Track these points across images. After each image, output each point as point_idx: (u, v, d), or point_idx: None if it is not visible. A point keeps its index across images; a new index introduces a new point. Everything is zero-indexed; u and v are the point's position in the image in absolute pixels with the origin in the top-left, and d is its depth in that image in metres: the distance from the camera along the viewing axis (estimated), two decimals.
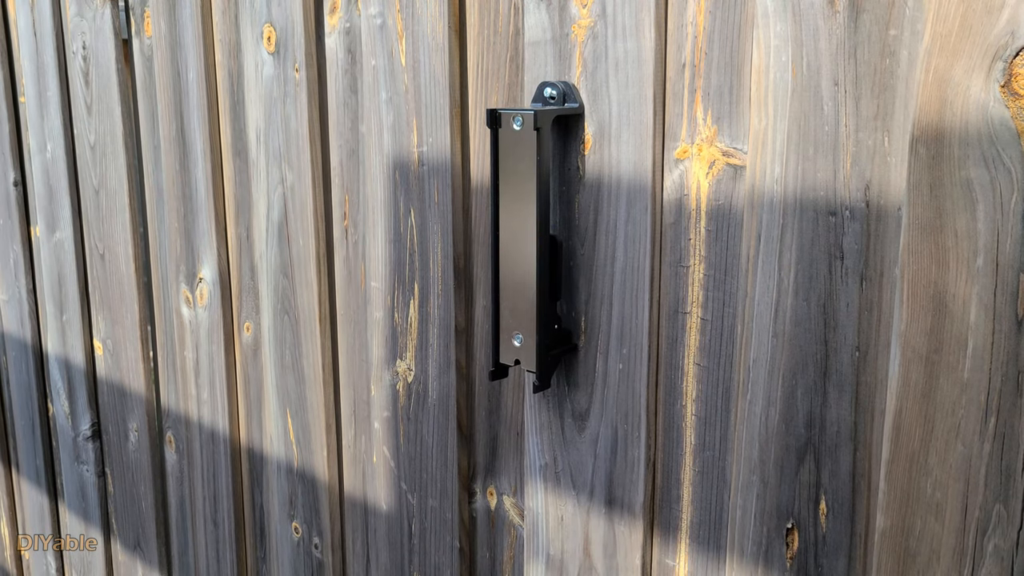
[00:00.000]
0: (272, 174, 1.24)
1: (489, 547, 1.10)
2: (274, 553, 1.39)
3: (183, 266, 1.43)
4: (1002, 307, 0.67)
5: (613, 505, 0.94)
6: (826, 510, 0.79)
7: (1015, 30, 0.63)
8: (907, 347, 0.71)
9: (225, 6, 1.26)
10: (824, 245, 0.76)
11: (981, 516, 0.70)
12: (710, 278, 0.84)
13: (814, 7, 0.73)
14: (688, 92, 0.83)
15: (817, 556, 0.80)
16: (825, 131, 0.74)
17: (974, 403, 0.69)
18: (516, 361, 0.92)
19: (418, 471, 1.14)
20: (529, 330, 0.90)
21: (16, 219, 1.79)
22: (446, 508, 1.11)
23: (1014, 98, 0.64)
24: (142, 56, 1.42)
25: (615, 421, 0.92)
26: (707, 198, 0.83)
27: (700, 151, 0.83)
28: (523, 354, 0.92)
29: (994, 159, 0.65)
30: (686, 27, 0.82)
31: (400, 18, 1.04)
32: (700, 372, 0.87)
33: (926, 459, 0.72)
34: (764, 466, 0.82)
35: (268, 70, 1.21)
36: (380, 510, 1.21)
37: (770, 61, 0.76)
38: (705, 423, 0.87)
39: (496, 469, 1.07)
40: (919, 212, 0.69)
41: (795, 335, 0.78)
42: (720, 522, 0.88)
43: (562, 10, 0.89)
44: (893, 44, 0.70)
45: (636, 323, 0.89)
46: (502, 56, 0.97)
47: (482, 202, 1.02)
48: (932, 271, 0.69)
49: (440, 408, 1.10)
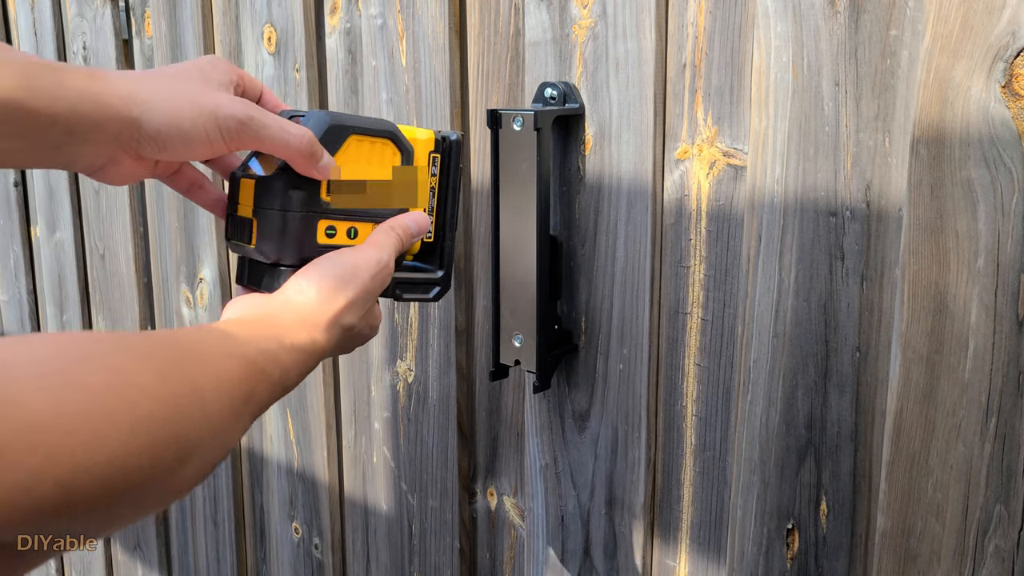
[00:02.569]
0: None
1: (489, 547, 1.10)
2: (274, 553, 1.39)
3: (183, 266, 1.43)
4: (1003, 308, 0.67)
5: (614, 505, 0.94)
6: (826, 511, 0.79)
7: (1016, 31, 0.63)
8: (908, 347, 0.71)
9: (226, 6, 1.26)
10: (825, 245, 0.76)
11: (982, 517, 0.70)
12: (710, 278, 0.84)
13: (815, 7, 0.73)
14: (689, 92, 0.83)
15: (817, 557, 0.80)
16: (826, 131, 0.74)
17: (975, 404, 0.69)
18: (516, 361, 0.92)
19: (418, 471, 1.14)
20: (529, 330, 0.90)
21: (16, 219, 1.79)
22: (446, 508, 1.11)
23: (1015, 99, 0.64)
24: (143, 56, 1.42)
25: (615, 421, 0.92)
26: (707, 198, 0.83)
27: (701, 151, 0.83)
28: (523, 354, 0.92)
29: (995, 159, 0.65)
30: (687, 27, 0.82)
31: (400, 18, 1.04)
32: (700, 372, 0.87)
33: (927, 460, 0.72)
34: (764, 467, 0.82)
35: (269, 70, 1.21)
36: (380, 510, 1.21)
37: (771, 61, 0.76)
38: (705, 423, 0.87)
39: (496, 469, 1.07)
40: (920, 212, 0.69)
41: (795, 335, 0.78)
42: (720, 523, 0.88)
43: (563, 11, 0.89)
44: (894, 44, 0.70)
45: (636, 323, 0.89)
46: (502, 56, 0.97)
47: (483, 202, 1.02)
48: (933, 271, 0.69)
49: (440, 408, 1.10)
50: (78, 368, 0.37)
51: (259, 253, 0.65)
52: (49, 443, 0.33)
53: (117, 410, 0.37)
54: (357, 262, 0.63)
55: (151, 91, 0.59)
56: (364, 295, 0.63)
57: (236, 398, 0.46)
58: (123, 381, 0.38)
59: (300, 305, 0.60)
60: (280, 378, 0.53)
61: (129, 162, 0.60)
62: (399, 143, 0.69)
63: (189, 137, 0.59)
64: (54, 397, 0.34)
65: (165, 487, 0.41)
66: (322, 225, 0.66)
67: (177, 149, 0.60)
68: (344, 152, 0.66)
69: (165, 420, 0.39)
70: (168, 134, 0.58)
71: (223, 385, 0.46)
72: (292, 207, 0.64)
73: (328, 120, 0.64)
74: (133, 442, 0.37)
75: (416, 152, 0.71)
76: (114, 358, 0.39)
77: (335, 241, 0.66)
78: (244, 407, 0.47)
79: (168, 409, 0.40)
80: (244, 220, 0.65)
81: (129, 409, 0.38)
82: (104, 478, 0.36)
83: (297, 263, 0.64)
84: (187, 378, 0.43)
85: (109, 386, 0.37)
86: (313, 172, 0.64)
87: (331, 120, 0.65)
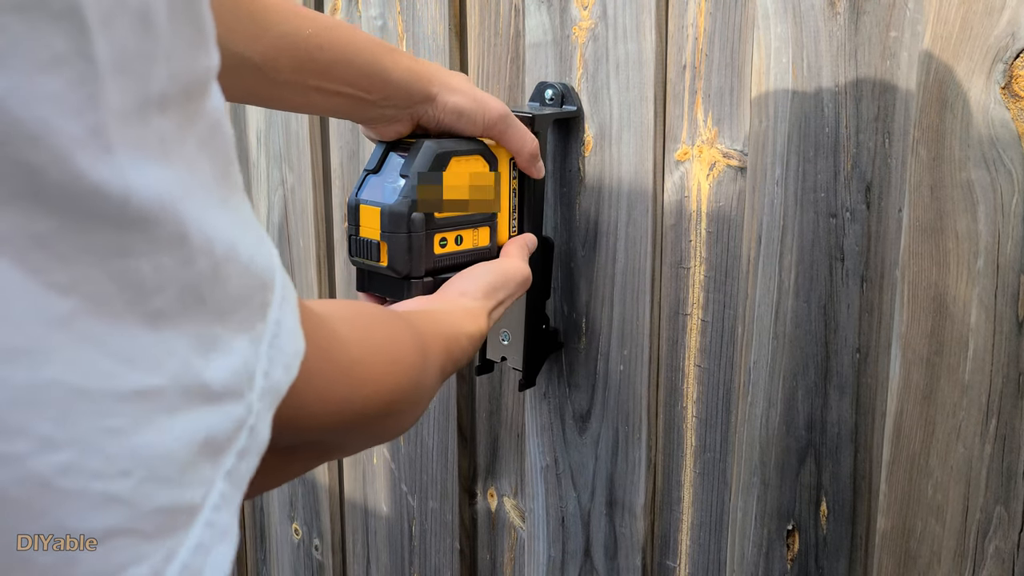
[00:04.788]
0: (272, 176, 1.24)
1: (490, 549, 1.10)
2: (274, 554, 1.39)
3: None
4: (1003, 309, 0.67)
5: (614, 506, 0.94)
6: (827, 512, 0.79)
7: (1015, 32, 0.63)
8: (908, 349, 0.71)
9: None
10: (825, 247, 0.76)
11: (982, 518, 0.70)
12: (711, 280, 0.85)
13: (815, 9, 0.73)
14: (689, 94, 0.83)
15: (818, 558, 0.80)
16: (826, 132, 0.74)
17: (975, 405, 0.69)
18: (503, 358, 0.94)
19: (418, 473, 1.14)
20: (517, 329, 0.91)
21: None
22: (446, 510, 1.11)
23: (1015, 100, 0.64)
24: None
25: (616, 422, 0.92)
26: (707, 200, 0.83)
27: (701, 153, 0.83)
28: (510, 351, 0.93)
29: (995, 161, 0.65)
30: (687, 29, 0.82)
31: (401, 19, 1.04)
32: (701, 374, 0.87)
33: (927, 461, 0.72)
34: (765, 468, 0.82)
35: None
36: (380, 512, 1.21)
37: (770, 63, 0.76)
38: (706, 425, 0.87)
39: (497, 471, 1.07)
40: (920, 214, 0.69)
41: (796, 337, 0.78)
42: (721, 524, 0.88)
43: (563, 12, 0.89)
44: (893, 46, 0.70)
45: (637, 325, 0.89)
46: (503, 58, 0.97)
47: None
48: (933, 273, 0.69)
49: (440, 410, 1.10)
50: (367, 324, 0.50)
51: (391, 270, 0.76)
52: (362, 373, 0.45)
53: (393, 359, 0.50)
54: (507, 272, 0.77)
55: (447, 77, 0.76)
56: (510, 299, 0.77)
57: (441, 366, 0.60)
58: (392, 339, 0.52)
59: (466, 302, 0.73)
60: (459, 357, 0.65)
61: (406, 124, 0.76)
62: (486, 155, 0.80)
63: (465, 118, 0.76)
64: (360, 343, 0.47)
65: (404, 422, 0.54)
66: (437, 238, 0.77)
67: (452, 124, 0.76)
68: (449, 171, 0.77)
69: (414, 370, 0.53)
70: (453, 112, 0.75)
71: (436, 356, 0.59)
72: (416, 230, 0.75)
73: (437, 148, 0.76)
74: (399, 380, 0.50)
75: (499, 160, 0.82)
76: (387, 325, 0.53)
77: (447, 250, 0.78)
78: (441, 374, 0.61)
79: (414, 363, 0.53)
80: (371, 242, 0.76)
81: (398, 359, 0.51)
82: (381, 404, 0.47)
83: (423, 275, 0.76)
84: (421, 345, 0.56)
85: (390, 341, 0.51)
86: (532, 171, 0.82)
87: (438, 149, 0.76)
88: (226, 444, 0.29)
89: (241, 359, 0.30)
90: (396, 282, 0.77)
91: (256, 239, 0.31)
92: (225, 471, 0.29)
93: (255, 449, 0.31)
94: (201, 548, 0.28)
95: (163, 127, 0.26)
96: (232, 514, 0.30)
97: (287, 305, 0.34)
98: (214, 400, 0.29)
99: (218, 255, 0.28)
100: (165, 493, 0.27)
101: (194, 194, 0.27)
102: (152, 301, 0.26)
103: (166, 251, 0.26)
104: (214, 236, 0.28)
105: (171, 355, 0.27)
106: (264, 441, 0.32)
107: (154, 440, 0.26)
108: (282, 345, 0.33)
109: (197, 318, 0.28)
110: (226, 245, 0.28)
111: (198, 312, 0.28)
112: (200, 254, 0.27)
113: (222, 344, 0.29)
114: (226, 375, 0.29)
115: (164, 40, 0.25)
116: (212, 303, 0.28)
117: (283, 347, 0.33)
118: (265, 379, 0.32)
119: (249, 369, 0.31)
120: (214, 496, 0.29)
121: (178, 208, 0.26)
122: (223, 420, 0.29)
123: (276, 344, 0.32)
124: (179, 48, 0.26)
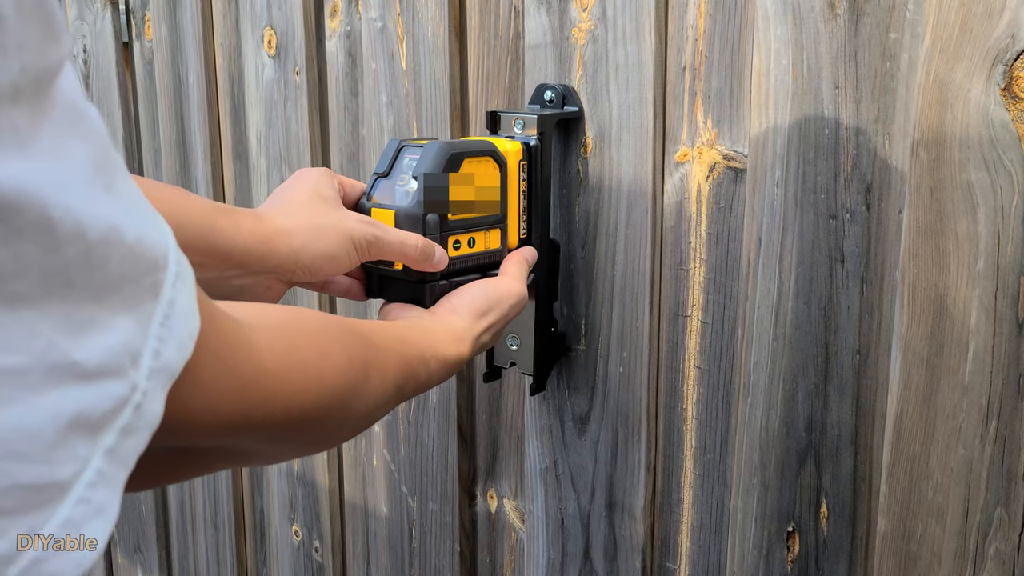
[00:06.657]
0: (273, 177, 1.24)
1: (490, 550, 1.10)
2: (274, 556, 1.39)
3: None
4: (1003, 310, 0.67)
5: (614, 508, 0.94)
6: (827, 513, 0.79)
7: (1015, 33, 0.63)
8: (908, 350, 0.71)
9: (226, 9, 1.26)
10: (825, 248, 0.76)
11: (982, 520, 0.70)
12: (710, 281, 0.84)
13: (814, 10, 0.73)
14: (688, 95, 0.83)
15: (818, 560, 0.80)
16: (826, 134, 0.74)
17: (975, 406, 0.69)
18: (512, 363, 0.93)
19: (418, 474, 1.14)
20: (526, 333, 0.91)
21: None
22: (446, 511, 1.11)
23: (1014, 101, 0.64)
24: (142, 59, 1.43)
25: (616, 424, 0.92)
26: (707, 201, 0.83)
27: (700, 154, 0.83)
28: (519, 357, 0.92)
29: (995, 162, 0.65)
30: (686, 30, 0.82)
31: (400, 21, 1.04)
32: (700, 375, 0.87)
33: (927, 462, 0.72)
34: (765, 469, 0.82)
35: (269, 73, 1.21)
36: (380, 513, 1.21)
37: (770, 64, 0.76)
38: (706, 426, 0.87)
39: (496, 472, 1.07)
40: (920, 215, 0.69)
41: (796, 338, 0.78)
42: (721, 525, 0.88)
43: (562, 13, 0.89)
44: (893, 47, 0.70)
45: (636, 326, 0.89)
46: (502, 59, 0.97)
47: None
48: (933, 274, 0.69)
49: (440, 411, 1.09)
50: (296, 337, 0.48)
51: (406, 274, 0.76)
52: (272, 386, 0.44)
53: (317, 375, 0.48)
54: (500, 293, 0.76)
55: (300, 226, 0.70)
56: (502, 320, 0.76)
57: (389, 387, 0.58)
58: (323, 354, 0.50)
59: (453, 323, 0.72)
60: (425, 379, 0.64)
61: (280, 286, 0.72)
62: (496, 157, 0.80)
63: (336, 261, 0.71)
64: (279, 356, 0.45)
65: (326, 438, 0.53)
66: (451, 240, 0.77)
67: (325, 272, 0.72)
68: (461, 171, 0.77)
69: (342, 388, 0.51)
70: (321, 262, 0.71)
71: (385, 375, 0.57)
72: (431, 232, 0.75)
73: (449, 150, 0.75)
74: (320, 398, 0.48)
75: (508, 162, 0.82)
76: (319, 335, 0.51)
77: (460, 252, 0.78)
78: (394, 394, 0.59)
79: (346, 382, 0.51)
80: None
81: (324, 376, 0.49)
82: (295, 419, 0.46)
83: (438, 277, 0.76)
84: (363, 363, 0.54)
85: (315, 355, 0.49)
86: (428, 268, 0.75)
87: (451, 149, 0.76)
88: (104, 421, 0.30)
89: (120, 338, 0.30)
90: (412, 286, 0.76)
91: (146, 220, 0.32)
92: (105, 448, 0.30)
93: (143, 427, 0.31)
94: (70, 523, 0.29)
95: (16, 118, 0.26)
96: (113, 491, 0.30)
97: (181, 284, 0.34)
98: (87, 378, 0.29)
99: (92, 239, 0.28)
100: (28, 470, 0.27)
101: (60, 182, 0.27)
102: (8, 285, 0.26)
103: (28, 239, 0.26)
104: (87, 222, 0.28)
105: (34, 335, 0.27)
106: (155, 419, 0.32)
107: (15, 418, 0.27)
108: (174, 325, 0.33)
109: (65, 300, 0.28)
110: (103, 229, 0.29)
111: (66, 294, 0.28)
112: (68, 240, 0.28)
113: (98, 324, 0.29)
114: (101, 354, 0.29)
115: (12, 35, 0.26)
116: (83, 285, 0.29)
117: (175, 327, 0.33)
118: (155, 358, 0.32)
119: (132, 348, 0.31)
120: (89, 473, 0.29)
121: (41, 196, 0.27)
122: (99, 398, 0.29)
123: (167, 324, 0.33)
124: (29, 41, 0.27)
